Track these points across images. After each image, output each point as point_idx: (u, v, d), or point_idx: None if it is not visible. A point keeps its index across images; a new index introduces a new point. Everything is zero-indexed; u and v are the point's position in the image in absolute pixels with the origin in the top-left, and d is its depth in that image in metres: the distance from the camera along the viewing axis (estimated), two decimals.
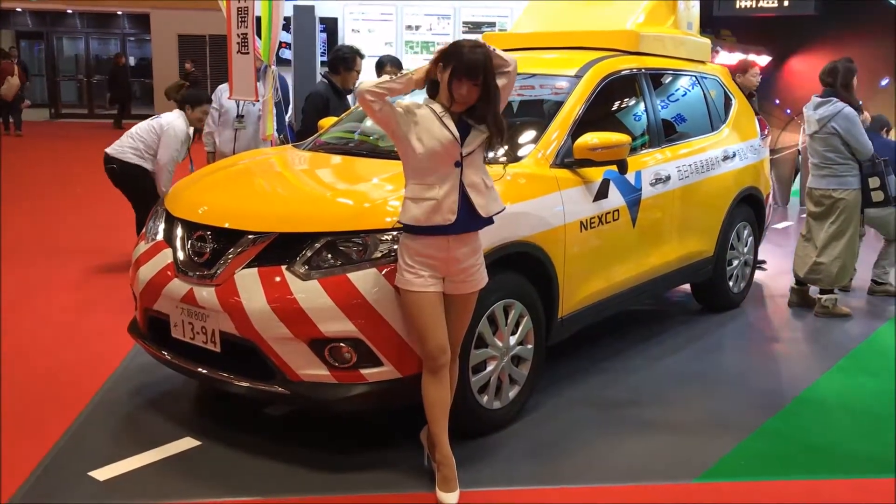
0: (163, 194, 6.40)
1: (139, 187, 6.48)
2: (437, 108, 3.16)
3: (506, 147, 3.98)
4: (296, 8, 11.14)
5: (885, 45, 9.89)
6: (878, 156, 5.76)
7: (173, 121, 6.53)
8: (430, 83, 3.21)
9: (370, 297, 3.34)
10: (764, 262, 7.09)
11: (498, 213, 3.26)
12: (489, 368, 3.76)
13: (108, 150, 6.62)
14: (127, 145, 6.54)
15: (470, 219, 3.17)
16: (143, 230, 4.20)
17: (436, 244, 3.16)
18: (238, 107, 7.07)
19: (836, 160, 5.71)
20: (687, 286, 5.92)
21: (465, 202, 3.14)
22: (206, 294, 3.54)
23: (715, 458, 3.73)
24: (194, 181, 4.41)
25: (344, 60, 6.53)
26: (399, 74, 3.12)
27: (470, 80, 3.08)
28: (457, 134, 3.12)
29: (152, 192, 6.36)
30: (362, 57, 6.72)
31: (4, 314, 5.46)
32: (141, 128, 6.57)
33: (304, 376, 3.41)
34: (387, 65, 7.07)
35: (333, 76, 6.55)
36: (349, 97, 6.71)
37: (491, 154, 3.26)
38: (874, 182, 5.74)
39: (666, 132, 5.22)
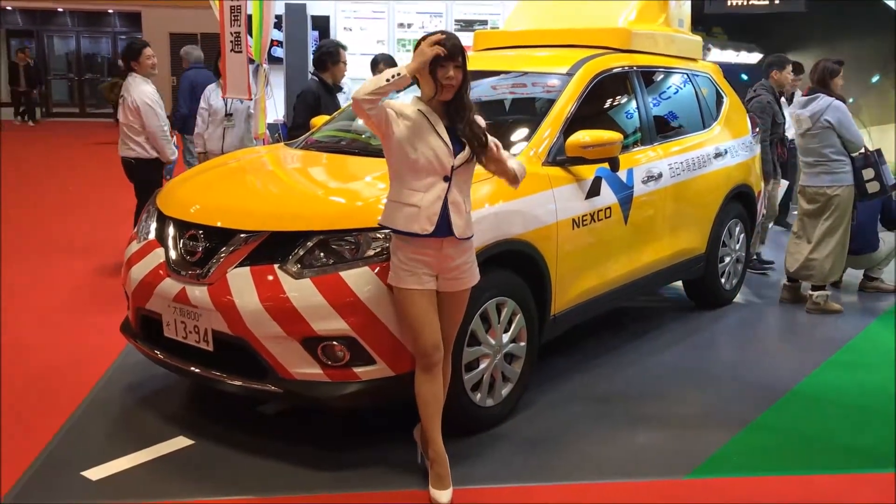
0: (168, 160, 6.47)
1: (151, 180, 6.37)
2: (430, 114, 3.17)
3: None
4: (287, 6, 11.13)
5: (875, 42, 9.92)
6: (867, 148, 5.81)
7: (140, 92, 6.40)
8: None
9: (363, 295, 3.34)
10: (772, 262, 7.03)
11: (467, 238, 3.25)
12: (482, 366, 3.77)
13: (121, 153, 6.55)
14: (130, 141, 6.46)
15: (445, 229, 3.16)
16: (135, 229, 4.20)
17: (428, 244, 3.17)
18: (227, 105, 7.08)
19: (830, 156, 5.73)
20: (679, 283, 5.93)
21: (445, 215, 3.15)
22: (198, 293, 3.53)
23: (708, 453, 3.74)
24: (186, 180, 4.41)
25: (330, 55, 6.56)
26: (393, 75, 3.08)
27: (452, 61, 3.11)
28: (451, 145, 3.14)
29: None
30: (345, 48, 6.76)
31: None
32: (124, 118, 6.47)
33: (298, 375, 3.42)
34: (381, 63, 7.08)
35: (322, 73, 6.56)
36: (339, 95, 6.72)
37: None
38: (868, 173, 5.77)
39: (658, 130, 5.23)
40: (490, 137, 3.28)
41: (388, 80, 3.06)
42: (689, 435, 3.94)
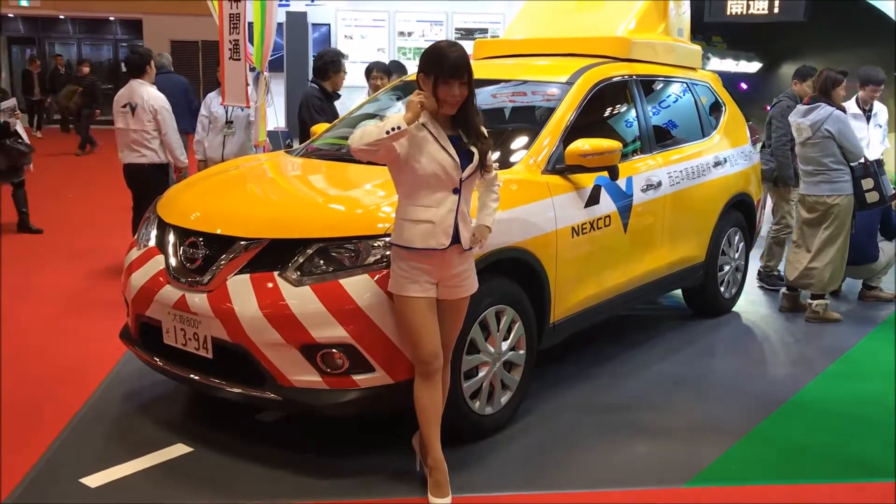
0: (183, 164, 6.65)
1: (159, 186, 6.28)
2: (434, 126, 3.16)
3: (497, 153, 4.00)
4: (288, 14, 11.17)
5: (874, 52, 9.94)
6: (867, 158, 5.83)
7: (154, 97, 6.54)
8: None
9: (362, 303, 3.35)
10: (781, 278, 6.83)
11: (469, 249, 3.26)
12: (481, 374, 3.77)
13: (129, 160, 6.59)
14: (142, 147, 6.53)
15: (454, 240, 3.18)
16: (135, 236, 4.20)
17: (432, 253, 3.16)
18: (227, 112, 7.10)
19: (830, 165, 5.73)
20: (679, 291, 5.94)
21: (455, 227, 3.16)
22: (198, 300, 3.54)
23: (706, 462, 3.74)
24: (187, 187, 4.42)
25: (333, 63, 6.59)
26: (392, 128, 3.03)
27: (458, 79, 3.10)
28: (457, 158, 3.14)
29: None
30: (345, 57, 6.81)
31: None
32: (137, 124, 6.50)
33: (296, 382, 3.42)
34: (374, 70, 7.11)
35: (323, 81, 6.58)
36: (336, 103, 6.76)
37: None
38: (868, 183, 5.78)
39: (657, 138, 5.24)
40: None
41: (387, 133, 3.02)
42: (688, 444, 3.94)
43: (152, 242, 3.95)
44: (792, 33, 10.21)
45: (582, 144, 4.20)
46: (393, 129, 3.03)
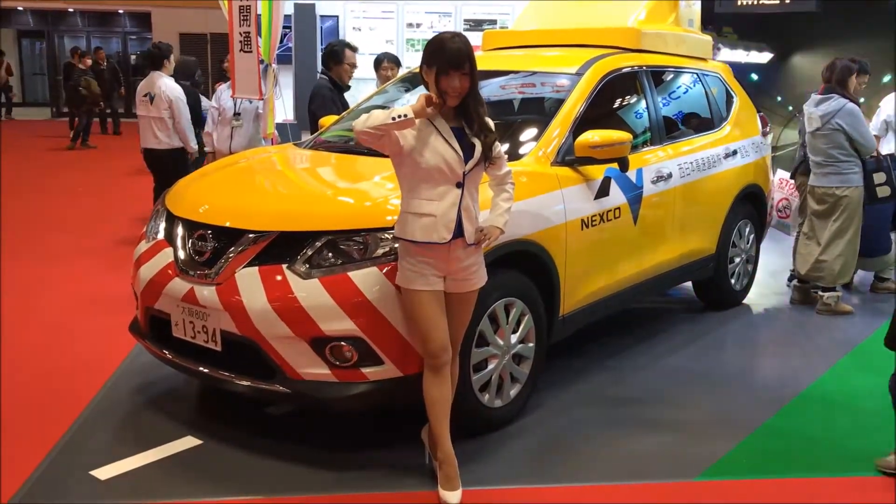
0: (193, 150, 7.42)
1: (179, 169, 6.87)
2: (437, 119, 3.14)
3: (506, 145, 3.98)
4: (296, 6, 11.15)
5: (887, 43, 9.85)
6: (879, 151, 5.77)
7: (172, 88, 7.29)
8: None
9: (371, 295, 3.34)
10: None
11: (473, 245, 3.23)
12: (490, 367, 3.76)
13: (147, 145, 7.33)
14: (160, 133, 7.26)
15: (458, 234, 3.15)
16: (145, 229, 4.20)
17: (438, 247, 3.14)
18: (235, 105, 7.10)
19: (838, 157, 5.69)
20: (689, 284, 5.91)
21: (458, 221, 3.14)
22: (206, 293, 3.53)
23: (717, 456, 3.73)
24: (195, 180, 4.41)
25: (333, 54, 6.55)
26: (398, 115, 3.01)
27: (459, 70, 3.08)
28: (461, 152, 3.11)
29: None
30: (354, 49, 6.72)
31: (5, 314, 5.46)
32: (155, 111, 7.21)
33: (305, 375, 3.41)
34: (384, 61, 7.08)
35: (330, 72, 6.57)
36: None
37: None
38: (879, 177, 5.73)
39: (667, 130, 5.21)
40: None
41: (393, 120, 3.01)
42: (699, 437, 3.93)
43: (161, 235, 3.95)
44: (804, 24, 10.12)
45: (592, 136, 4.17)
46: (399, 117, 3.01)
